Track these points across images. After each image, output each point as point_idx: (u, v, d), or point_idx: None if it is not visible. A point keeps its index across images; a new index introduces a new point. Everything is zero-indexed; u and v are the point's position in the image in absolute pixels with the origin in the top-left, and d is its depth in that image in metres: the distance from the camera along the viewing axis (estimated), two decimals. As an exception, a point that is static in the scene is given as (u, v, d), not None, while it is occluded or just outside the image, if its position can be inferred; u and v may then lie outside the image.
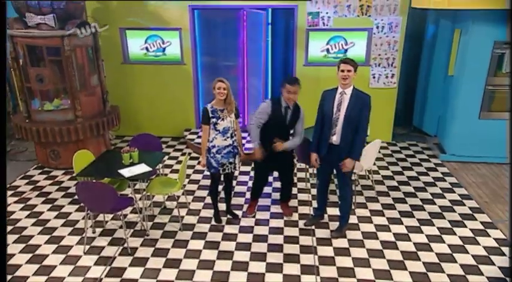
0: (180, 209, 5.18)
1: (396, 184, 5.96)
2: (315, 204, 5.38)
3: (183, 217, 5.09)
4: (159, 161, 4.97)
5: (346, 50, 7.09)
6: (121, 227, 4.87)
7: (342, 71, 4.13)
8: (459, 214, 5.16)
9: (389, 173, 6.31)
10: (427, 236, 4.73)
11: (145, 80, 7.47)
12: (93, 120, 6.27)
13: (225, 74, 6.74)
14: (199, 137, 7.29)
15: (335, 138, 4.32)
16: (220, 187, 4.98)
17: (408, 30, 6.98)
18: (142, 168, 4.68)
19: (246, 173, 6.24)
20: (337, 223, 4.79)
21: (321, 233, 4.79)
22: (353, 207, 5.27)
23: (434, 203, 5.43)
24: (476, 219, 5.04)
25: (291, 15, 7.16)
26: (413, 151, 7.17)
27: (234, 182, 5.68)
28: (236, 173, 5.41)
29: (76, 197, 5.53)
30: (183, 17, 7.03)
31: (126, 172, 4.57)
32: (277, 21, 7.68)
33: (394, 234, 4.77)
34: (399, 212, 5.23)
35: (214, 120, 4.51)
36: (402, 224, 4.97)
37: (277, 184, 5.36)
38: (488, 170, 6.35)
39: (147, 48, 7.34)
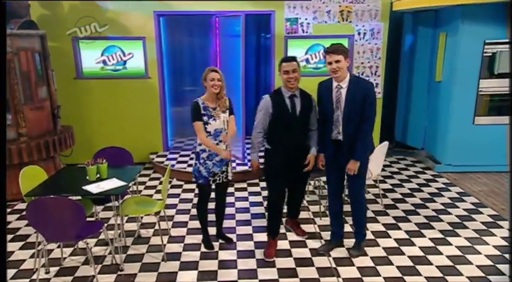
0: (158, 236, 4.15)
1: (400, 196, 5.32)
2: (319, 221, 4.60)
3: (165, 245, 4.05)
4: (135, 175, 3.97)
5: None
6: (84, 263, 3.75)
7: (330, 63, 3.43)
8: (481, 223, 4.56)
9: (388, 186, 5.67)
10: (457, 247, 4.04)
11: (102, 98, 6.47)
12: (40, 139, 5.16)
13: (197, 88, 5.98)
14: (168, 159, 6.33)
15: (340, 136, 3.62)
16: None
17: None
18: (114, 183, 3.67)
19: (231, 194, 5.34)
20: (349, 238, 4.02)
21: (337, 251, 3.96)
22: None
23: (449, 213, 4.81)
24: (502, 227, 4.46)
25: (267, 21, 6.63)
26: (404, 165, 6.65)
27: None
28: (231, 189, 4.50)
29: (21, 232, 4.36)
30: (147, 24, 6.25)
31: (94, 188, 3.54)
32: (252, 28, 7.12)
33: (420, 248, 4.03)
34: (416, 224, 4.54)
35: (205, 118, 3.66)
36: (424, 236, 4.26)
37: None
38: (489, 178, 5.91)
39: (104, 62, 6.41)
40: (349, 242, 4.07)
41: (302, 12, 6.34)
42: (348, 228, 4.25)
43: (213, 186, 3.91)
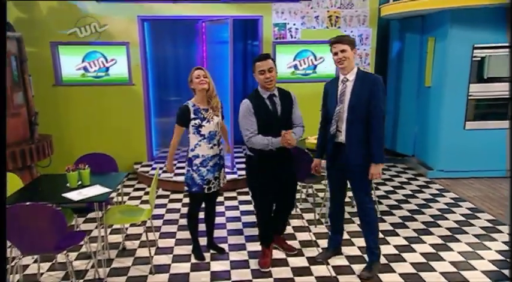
0: (145, 248, 3.87)
1: (395, 203, 5.16)
2: (314, 228, 4.39)
3: (152, 257, 3.76)
4: (120, 181, 3.70)
5: (315, 66, 6.50)
6: (64, 278, 3.44)
7: (335, 54, 3.22)
8: (480, 227, 4.43)
9: (382, 193, 5.52)
10: (459, 253, 3.87)
11: (83, 105, 6.18)
12: (16, 147, 4.84)
13: (182, 95, 5.79)
14: (153, 169, 6.06)
15: (341, 136, 3.36)
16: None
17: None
18: (98, 189, 3.40)
19: (221, 203, 5.09)
20: (347, 245, 3.79)
21: (335, 259, 3.75)
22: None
23: (446, 218, 4.67)
24: (501, 232, 4.33)
25: (254, 27, 6.51)
26: (395, 172, 6.53)
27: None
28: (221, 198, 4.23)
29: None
30: (131, 29, 6.04)
31: (75, 195, 3.27)
32: (239, 34, 6.98)
33: (422, 254, 3.85)
34: (414, 230, 4.37)
35: (197, 121, 3.44)
36: (424, 242, 4.09)
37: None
38: (482, 184, 5.82)
39: (85, 68, 6.15)
40: (347, 250, 3.89)
41: (290, 18, 6.23)
42: (345, 235, 4.05)
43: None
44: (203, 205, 3.75)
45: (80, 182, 3.51)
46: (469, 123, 5.94)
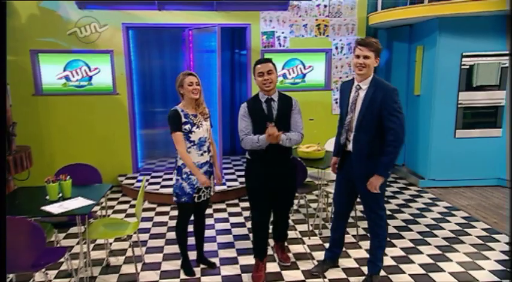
0: (130, 264, 3.64)
1: (389, 212, 5.02)
2: (308, 240, 4.23)
3: (138, 274, 3.54)
4: (104, 193, 3.49)
5: (304, 75, 6.41)
6: (42, 298, 3.19)
7: (357, 56, 3.03)
8: (476, 237, 4.33)
9: (375, 203, 5.40)
10: (458, 263, 3.76)
11: (65, 116, 5.93)
12: (-7, 159, 4.57)
13: (169, 105, 5.61)
14: (138, 181, 5.83)
15: (350, 146, 3.24)
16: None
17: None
18: (80, 202, 3.18)
19: (210, 215, 4.89)
20: (343, 257, 3.64)
21: (332, 272, 3.58)
22: (356, 239, 4.20)
23: (442, 228, 4.57)
24: (498, 241, 4.23)
25: (241, 37, 6.41)
26: (387, 181, 6.41)
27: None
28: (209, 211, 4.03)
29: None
30: (115, 37, 5.86)
31: (55, 208, 3.04)
32: (226, 43, 6.86)
33: (420, 265, 3.72)
34: (410, 240, 4.25)
35: (187, 127, 3.28)
36: (422, 253, 3.96)
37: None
38: (473, 193, 5.76)
39: (67, 77, 5.93)
40: (344, 262, 3.73)
41: (278, 26, 6.15)
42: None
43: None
44: (192, 217, 3.56)
45: (60, 194, 3.30)
46: (459, 132, 5.90)
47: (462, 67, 5.73)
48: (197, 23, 5.89)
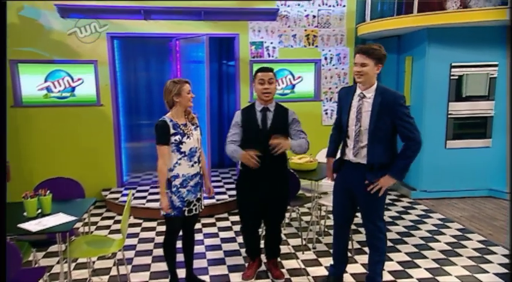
0: (115, 284, 3.43)
1: (383, 225, 4.92)
2: (301, 255, 4.07)
3: (124, 294, 3.33)
4: (87, 208, 3.28)
5: (294, 85, 6.32)
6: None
7: (355, 64, 2.99)
8: (473, 249, 4.23)
9: (367, 216, 5.28)
10: (458, 277, 3.65)
11: (46, 128, 5.70)
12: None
13: (154, 116, 5.44)
14: (123, 195, 5.60)
15: (355, 156, 3.07)
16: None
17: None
18: (61, 218, 2.97)
19: (198, 231, 4.69)
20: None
21: (330, 290, 3.43)
22: (351, 254, 4.06)
23: (437, 240, 4.46)
24: (495, 253, 4.14)
25: (229, 47, 6.31)
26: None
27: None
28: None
29: None
30: (100, 47, 5.69)
31: (33, 226, 2.83)
32: (213, 54, 6.74)
33: (419, 280, 3.60)
34: (406, 253, 4.13)
35: (177, 137, 3.11)
36: (419, 266, 3.84)
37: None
38: (465, 204, 5.69)
39: (48, 88, 5.71)
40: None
41: (267, 36, 6.07)
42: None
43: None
44: (180, 233, 3.38)
45: (39, 211, 3.09)
46: (450, 142, 5.86)
47: (451, 77, 5.72)
48: (184, 33, 5.76)
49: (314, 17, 6.16)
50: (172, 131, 3.09)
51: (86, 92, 5.79)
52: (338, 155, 3.33)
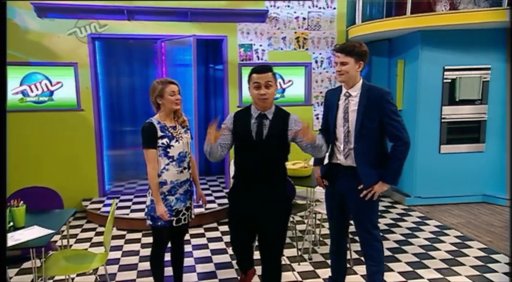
0: (97, 303, 3.13)
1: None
2: (297, 266, 3.84)
3: (107, 314, 3.02)
4: (66, 220, 2.98)
5: (284, 90, 6.12)
6: None
7: (335, 63, 2.89)
8: (475, 258, 4.07)
9: (362, 224, 5.08)
10: (463, 287, 3.48)
11: (21, 134, 5.33)
12: None
13: (139, 121, 5.17)
14: (105, 205, 5.28)
15: (341, 157, 2.93)
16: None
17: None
18: (36, 232, 2.68)
19: (187, 242, 4.41)
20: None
21: (330, 305, 3.20)
22: (350, 264, 3.84)
23: (437, 248, 4.29)
24: (498, 261, 3.98)
25: (216, 51, 6.10)
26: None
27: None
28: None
29: None
30: (80, 48, 5.39)
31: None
32: (200, 58, 6.50)
33: (423, 291, 3.41)
34: (407, 263, 3.93)
35: (165, 141, 2.86)
36: (422, 277, 3.65)
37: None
38: (460, 210, 5.56)
39: (24, 92, 5.37)
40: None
41: (256, 38, 5.87)
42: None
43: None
44: (169, 244, 3.11)
45: (11, 224, 2.78)
46: (444, 147, 5.74)
47: (444, 81, 5.61)
48: (170, 35, 5.52)
49: (304, 19, 6.00)
50: (159, 133, 2.84)
51: (65, 96, 5.47)
52: (326, 160, 3.17)
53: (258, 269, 3.15)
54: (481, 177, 5.79)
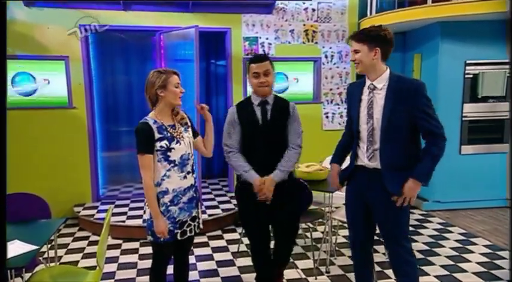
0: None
1: (400, 242, 4.31)
2: (314, 280, 3.43)
3: None
4: (53, 232, 2.55)
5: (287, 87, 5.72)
6: None
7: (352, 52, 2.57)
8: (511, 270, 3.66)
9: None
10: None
11: (7, 135, 4.90)
12: None
13: (135, 121, 4.74)
14: (99, 211, 4.85)
15: (370, 161, 2.54)
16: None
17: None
18: (16, 248, 2.25)
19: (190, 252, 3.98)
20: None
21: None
22: (374, 278, 3.41)
23: (468, 260, 3.87)
24: (538, 273, 3.58)
25: (218, 45, 5.69)
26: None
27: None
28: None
29: None
30: (71, 41, 4.96)
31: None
32: (201, 53, 6.08)
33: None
34: (437, 277, 3.53)
35: (164, 143, 2.43)
36: (456, 294, 3.25)
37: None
38: (483, 215, 5.16)
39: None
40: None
41: (262, 31, 5.46)
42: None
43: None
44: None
45: (-13, 238, 2.34)
46: (465, 148, 5.33)
47: (466, 76, 5.21)
48: (170, 27, 5.10)
49: (313, 10, 5.59)
50: (157, 135, 2.41)
51: (55, 93, 5.04)
52: (347, 163, 2.79)
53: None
54: (504, 180, 5.38)
